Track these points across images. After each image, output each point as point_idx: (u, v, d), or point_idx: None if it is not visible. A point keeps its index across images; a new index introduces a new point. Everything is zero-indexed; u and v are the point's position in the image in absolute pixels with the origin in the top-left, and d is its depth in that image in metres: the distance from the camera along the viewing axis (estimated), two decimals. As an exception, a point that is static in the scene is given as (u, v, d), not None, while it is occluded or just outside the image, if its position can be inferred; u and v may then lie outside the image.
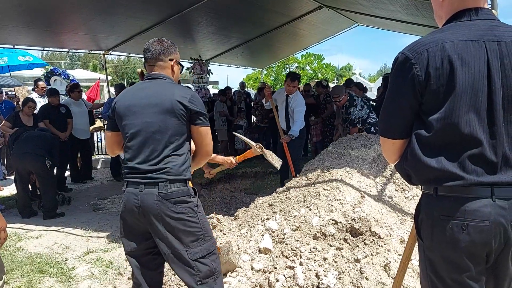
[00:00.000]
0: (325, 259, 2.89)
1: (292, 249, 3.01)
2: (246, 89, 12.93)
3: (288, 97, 5.61)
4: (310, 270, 2.81)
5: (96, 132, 9.73)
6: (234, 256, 3.02)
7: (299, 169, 4.80)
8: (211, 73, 12.31)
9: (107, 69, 10.71)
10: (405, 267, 1.98)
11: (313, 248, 2.99)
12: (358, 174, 3.83)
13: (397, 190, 3.77)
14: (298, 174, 4.35)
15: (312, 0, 8.34)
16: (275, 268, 2.91)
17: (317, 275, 2.75)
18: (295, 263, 2.89)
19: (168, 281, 3.00)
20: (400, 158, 1.56)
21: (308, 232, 3.14)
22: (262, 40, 10.74)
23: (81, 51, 10.82)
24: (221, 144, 9.55)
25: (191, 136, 2.24)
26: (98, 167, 9.01)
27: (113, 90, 11.43)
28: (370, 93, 13.34)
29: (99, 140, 10.30)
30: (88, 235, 4.66)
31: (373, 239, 2.97)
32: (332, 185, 3.55)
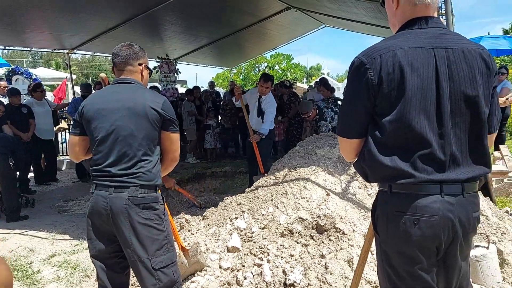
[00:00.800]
0: (292, 256, 2.97)
1: (260, 247, 3.07)
2: (216, 88, 12.90)
3: (261, 98, 5.68)
4: (277, 267, 2.88)
5: (61, 133, 9.48)
6: (203, 256, 3.05)
7: (268, 167, 4.87)
8: (179, 72, 12.23)
9: (72, 68, 10.46)
10: (364, 261, 2.08)
11: (280, 246, 3.06)
12: (324, 173, 3.93)
13: (360, 188, 3.90)
14: (267, 173, 4.42)
15: (280, 1, 8.44)
16: (243, 266, 2.96)
17: (284, 272, 2.83)
18: (263, 261, 2.95)
19: (136, 282, 2.99)
20: (358, 157, 1.64)
21: (276, 230, 3.21)
22: (231, 40, 10.76)
23: (44, 50, 10.48)
24: (190, 144, 9.50)
25: (160, 142, 2.24)
26: (63, 168, 8.78)
27: (79, 90, 11.15)
28: (338, 93, 13.60)
29: (64, 141, 10.03)
30: (53, 238, 4.56)
31: (338, 235, 3.07)
32: (299, 184, 3.63)
